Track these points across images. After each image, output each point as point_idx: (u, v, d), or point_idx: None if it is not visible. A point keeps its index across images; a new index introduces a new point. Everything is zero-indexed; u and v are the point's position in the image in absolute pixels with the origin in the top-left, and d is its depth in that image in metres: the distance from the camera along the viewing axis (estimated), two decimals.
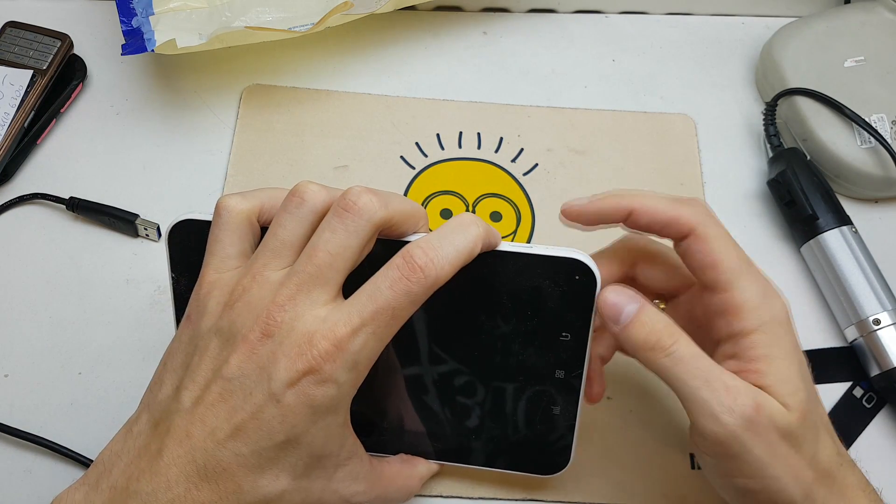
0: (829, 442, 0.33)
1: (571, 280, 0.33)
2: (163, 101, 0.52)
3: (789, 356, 0.32)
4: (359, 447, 0.33)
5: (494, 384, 0.36)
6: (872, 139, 0.47)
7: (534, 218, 0.48)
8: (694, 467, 0.40)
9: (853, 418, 0.43)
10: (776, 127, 0.49)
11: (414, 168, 0.50)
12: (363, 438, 0.34)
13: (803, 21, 0.53)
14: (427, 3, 0.55)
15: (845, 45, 0.51)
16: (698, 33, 0.56)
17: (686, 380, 0.31)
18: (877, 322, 0.43)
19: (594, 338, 0.35)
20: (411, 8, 0.55)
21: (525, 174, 0.50)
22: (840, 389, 0.44)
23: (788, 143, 0.50)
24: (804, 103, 0.49)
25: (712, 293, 0.32)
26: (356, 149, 0.50)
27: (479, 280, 0.34)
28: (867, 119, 0.48)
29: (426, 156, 0.50)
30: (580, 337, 0.34)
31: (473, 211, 0.48)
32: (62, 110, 0.50)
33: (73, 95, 0.51)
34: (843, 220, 0.45)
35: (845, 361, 0.44)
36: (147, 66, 0.53)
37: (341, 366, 0.29)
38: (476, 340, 0.35)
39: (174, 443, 0.29)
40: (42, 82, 0.49)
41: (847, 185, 0.49)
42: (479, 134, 0.51)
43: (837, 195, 0.47)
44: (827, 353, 0.45)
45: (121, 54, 0.48)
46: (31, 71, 0.49)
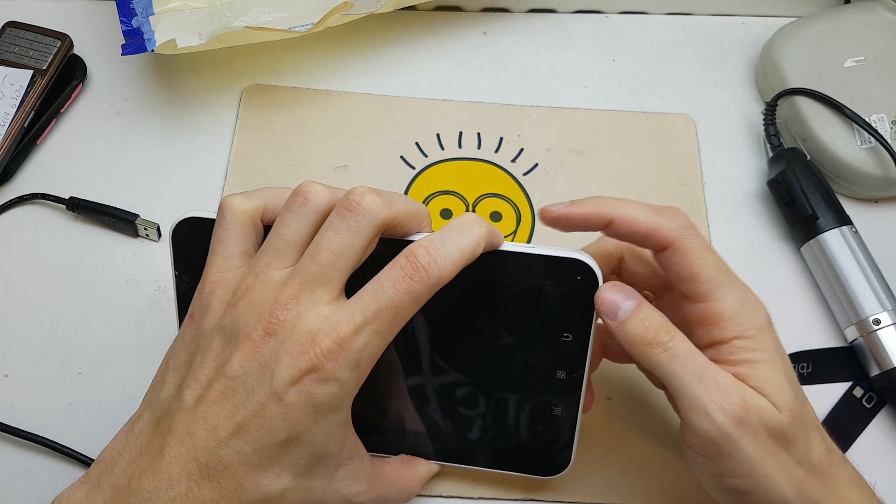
0: (819, 439, 0.33)
1: (573, 280, 0.33)
2: (163, 101, 0.52)
3: (772, 359, 0.32)
4: (360, 447, 0.33)
5: (495, 385, 0.36)
6: (872, 139, 0.47)
7: (534, 218, 0.48)
8: None
9: (853, 418, 0.43)
10: (776, 127, 0.49)
11: (414, 168, 0.50)
12: (364, 439, 0.34)
13: (803, 21, 0.53)
14: (427, 3, 0.55)
15: (845, 45, 0.51)
16: (698, 33, 0.56)
17: (681, 376, 0.31)
18: (877, 322, 0.43)
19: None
20: (411, 8, 0.55)
21: (525, 174, 0.50)
22: (840, 389, 0.44)
23: (788, 143, 0.50)
24: (804, 103, 0.49)
25: (692, 303, 0.33)
26: (356, 149, 0.50)
27: (481, 280, 0.34)
28: (867, 119, 0.48)
29: (426, 156, 0.50)
30: (582, 337, 0.34)
31: (473, 211, 0.48)
32: (62, 110, 0.50)
33: (73, 95, 0.51)
34: (843, 220, 0.45)
35: (845, 361, 0.44)
36: (147, 66, 0.53)
37: (343, 364, 0.29)
38: (477, 340, 0.35)
39: (176, 441, 0.29)
40: (42, 82, 0.49)
41: (847, 185, 0.49)
42: (479, 134, 0.51)
43: (837, 195, 0.47)
44: (827, 353, 0.45)
45: (121, 54, 0.48)
46: (31, 71, 0.49)
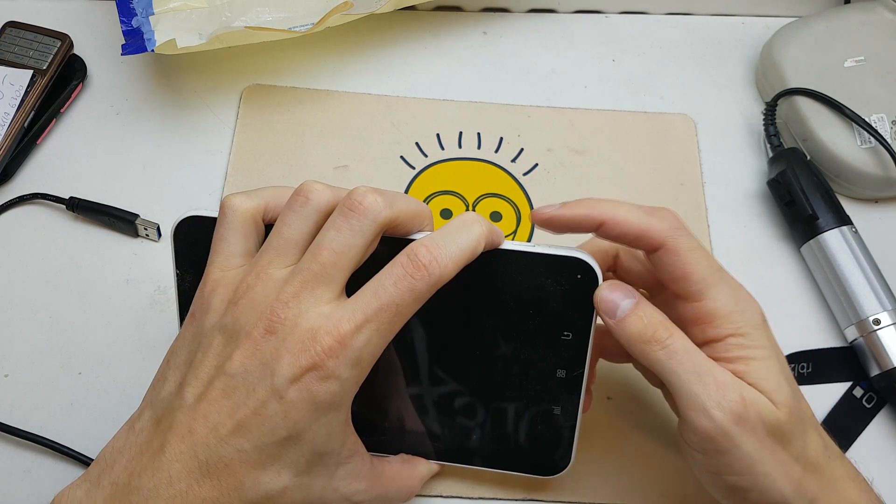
0: (816, 436, 0.33)
1: (573, 279, 0.33)
2: (163, 101, 0.52)
3: (768, 356, 0.32)
4: (360, 446, 0.33)
5: (495, 384, 0.36)
6: (872, 139, 0.47)
7: None
8: None
9: (853, 418, 0.43)
10: (776, 127, 0.49)
11: (414, 168, 0.50)
12: (364, 438, 0.34)
13: (803, 21, 0.53)
14: (427, 3, 0.55)
15: (845, 45, 0.51)
16: (698, 33, 0.56)
17: (679, 373, 0.31)
18: (877, 322, 0.43)
19: None
20: (411, 8, 0.55)
21: (525, 174, 0.50)
22: (840, 389, 0.44)
23: (788, 143, 0.50)
24: (804, 103, 0.49)
25: (685, 302, 0.33)
26: (356, 149, 0.50)
27: (482, 279, 0.34)
28: (867, 119, 0.48)
29: (426, 156, 0.50)
30: (582, 336, 0.34)
31: (473, 211, 0.48)
32: (62, 110, 0.50)
33: (73, 95, 0.51)
34: (843, 220, 0.45)
35: (845, 361, 0.44)
36: (147, 66, 0.53)
37: (344, 362, 0.29)
38: (477, 339, 0.35)
39: (176, 439, 0.29)
40: (42, 82, 0.49)
41: (847, 185, 0.49)
42: (479, 134, 0.51)
43: (837, 195, 0.47)
44: (827, 353, 0.45)
45: (121, 54, 0.48)
46: (31, 71, 0.49)
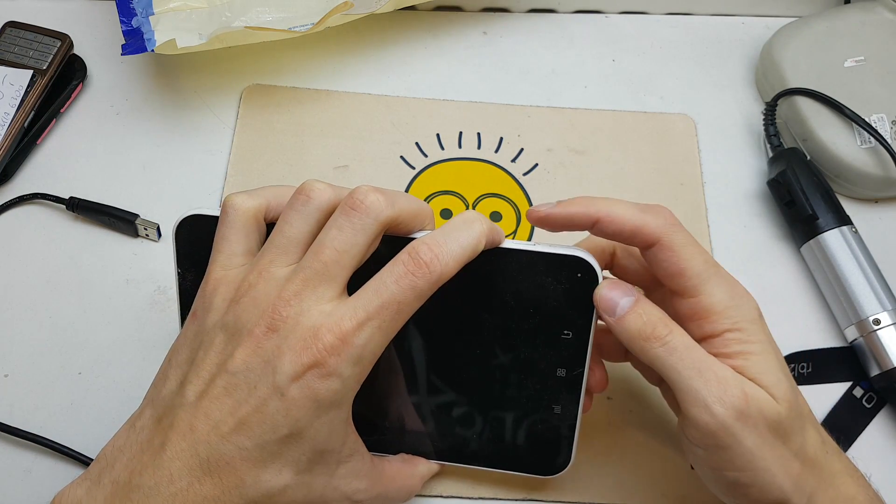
0: (814, 431, 0.33)
1: (573, 277, 0.33)
2: (163, 101, 0.52)
3: (766, 351, 0.32)
4: (360, 444, 0.33)
5: (495, 383, 0.36)
6: (872, 139, 0.47)
7: None
8: (693, 467, 0.40)
9: (853, 418, 0.43)
10: (776, 127, 0.49)
11: (414, 168, 0.50)
12: (364, 438, 0.34)
13: (803, 21, 0.53)
14: (427, 3, 0.55)
15: (845, 45, 0.51)
16: (698, 33, 0.56)
17: (679, 369, 0.31)
18: (877, 322, 0.43)
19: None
20: (411, 8, 0.55)
21: (525, 174, 0.50)
22: (840, 389, 0.44)
23: (788, 143, 0.50)
24: (804, 103, 0.49)
25: (681, 298, 0.33)
26: (356, 149, 0.50)
27: (482, 277, 0.34)
28: (867, 119, 0.48)
29: (426, 156, 0.50)
30: (582, 335, 0.34)
31: (473, 211, 0.48)
32: (62, 110, 0.50)
33: (73, 95, 0.51)
34: (843, 220, 0.45)
35: (845, 361, 0.44)
36: (147, 66, 0.53)
37: (346, 360, 0.29)
38: (477, 338, 0.35)
39: (177, 436, 0.29)
40: (42, 82, 0.49)
41: (847, 185, 0.49)
42: (479, 134, 0.51)
43: (837, 195, 0.47)
44: (827, 353, 0.45)
45: (121, 54, 0.48)
46: (31, 71, 0.49)
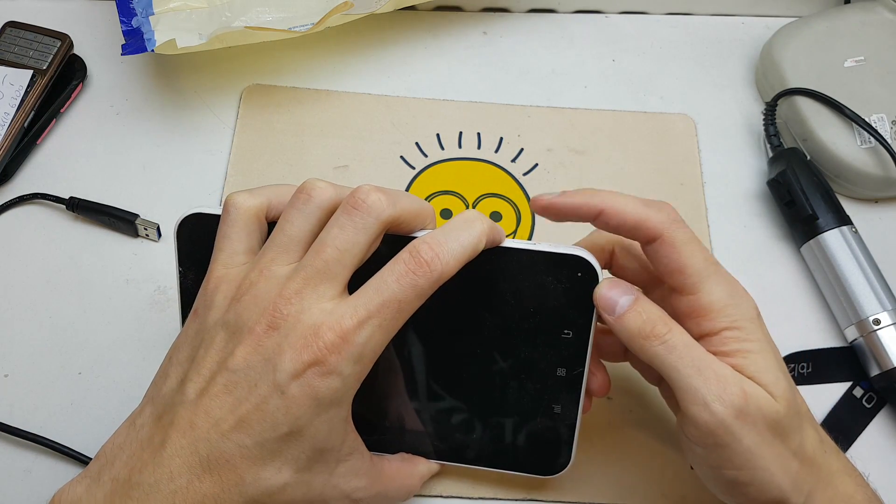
0: (812, 430, 0.33)
1: (574, 277, 0.33)
2: (163, 101, 0.52)
3: (764, 349, 0.32)
4: (360, 443, 0.34)
5: (495, 382, 0.36)
6: (872, 139, 0.47)
7: (534, 218, 0.48)
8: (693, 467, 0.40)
9: (853, 418, 0.43)
10: (776, 127, 0.49)
11: (414, 168, 0.50)
12: (364, 437, 0.34)
13: (803, 21, 0.53)
14: (427, 3, 0.55)
15: (845, 45, 0.51)
16: (698, 33, 0.56)
17: (679, 367, 0.31)
18: (877, 322, 0.43)
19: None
20: (411, 8, 0.55)
21: (525, 174, 0.50)
22: (840, 389, 0.44)
23: (788, 143, 0.50)
24: (804, 103, 0.49)
25: (680, 296, 0.33)
26: (356, 149, 0.50)
27: (483, 276, 0.34)
28: (867, 119, 0.48)
29: (426, 156, 0.50)
30: (582, 335, 0.34)
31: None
32: (62, 110, 0.50)
33: (73, 95, 0.51)
34: (843, 220, 0.45)
35: (845, 361, 0.44)
36: (147, 66, 0.53)
37: (346, 358, 0.29)
38: (477, 337, 0.35)
39: (178, 434, 0.29)
40: (42, 82, 0.49)
41: (847, 185, 0.49)
42: (479, 134, 0.51)
43: (837, 195, 0.47)
44: (827, 353, 0.45)
45: (121, 54, 0.48)
46: (31, 71, 0.49)
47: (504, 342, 0.35)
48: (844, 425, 0.42)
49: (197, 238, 0.35)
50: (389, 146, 0.50)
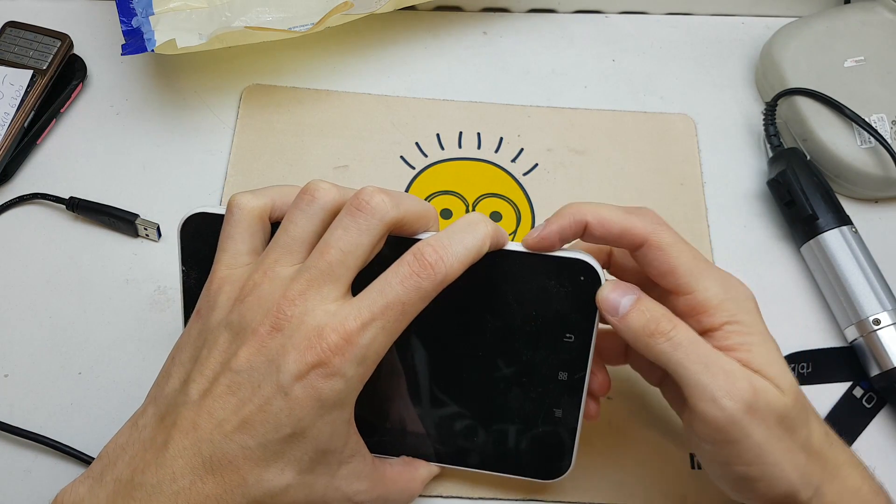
0: (817, 423, 0.33)
1: (576, 281, 0.33)
2: (163, 101, 0.52)
3: (766, 341, 0.32)
4: (362, 445, 0.34)
5: (497, 385, 0.36)
6: (872, 139, 0.47)
7: (534, 218, 0.48)
8: (694, 467, 0.40)
9: (853, 418, 0.43)
10: (776, 127, 0.49)
11: (414, 168, 0.50)
12: (365, 439, 0.34)
13: (803, 21, 0.53)
14: (427, 3, 0.55)
15: (845, 45, 0.51)
16: (698, 33, 0.56)
17: (686, 364, 0.31)
18: (877, 322, 0.43)
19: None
20: (411, 8, 0.55)
21: (525, 174, 0.50)
22: (840, 389, 0.44)
23: (788, 143, 0.50)
24: (804, 103, 0.49)
25: (676, 296, 0.33)
26: (356, 149, 0.50)
27: (485, 279, 0.34)
28: (867, 119, 0.48)
29: (426, 156, 0.50)
30: (584, 338, 0.34)
31: (473, 211, 0.48)
32: (62, 110, 0.50)
33: (73, 95, 0.51)
34: (843, 220, 0.45)
35: (845, 361, 0.44)
36: (147, 66, 0.53)
37: (350, 359, 0.29)
38: (479, 339, 0.35)
39: (180, 434, 0.30)
40: (42, 82, 0.49)
41: (847, 185, 0.49)
42: (479, 134, 0.51)
43: (837, 195, 0.47)
44: (827, 353, 0.45)
45: (121, 54, 0.48)
46: (31, 71, 0.49)
47: (506, 345, 0.35)
48: (844, 425, 0.42)
49: (200, 237, 0.35)
50: (389, 146, 0.50)
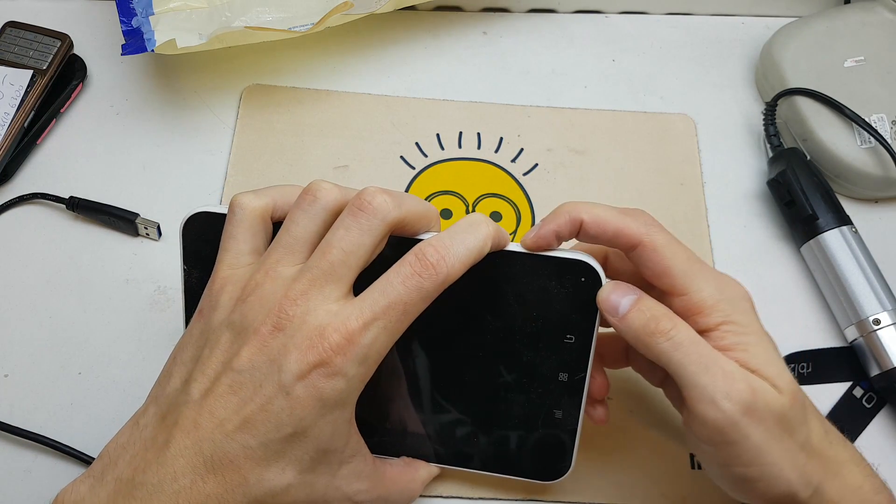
0: (816, 422, 0.33)
1: (577, 282, 0.33)
2: (163, 101, 0.52)
3: (762, 340, 0.32)
4: (363, 445, 0.34)
5: (497, 386, 0.36)
6: (872, 139, 0.47)
7: (534, 218, 0.48)
8: (694, 467, 0.40)
9: (853, 418, 0.43)
10: (776, 127, 0.49)
11: (414, 168, 0.50)
12: (365, 440, 0.34)
13: (803, 21, 0.53)
14: (427, 3, 0.55)
15: (845, 45, 0.51)
16: (698, 33, 0.56)
17: (686, 364, 0.31)
18: (877, 322, 0.43)
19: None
20: (411, 8, 0.55)
21: (525, 174, 0.50)
22: (840, 389, 0.44)
23: (788, 143, 0.50)
24: (804, 103, 0.49)
25: (671, 298, 0.33)
26: (356, 149, 0.50)
27: (486, 279, 0.34)
28: (867, 119, 0.48)
29: (426, 156, 0.50)
30: (584, 339, 0.34)
31: (473, 211, 0.48)
32: (62, 110, 0.50)
33: (73, 95, 0.51)
34: (843, 220, 0.45)
35: (845, 361, 0.44)
36: (147, 66, 0.53)
37: (351, 359, 0.29)
38: (480, 340, 0.35)
39: (182, 434, 0.30)
40: (42, 82, 0.49)
41: (847, 185, 0.49)
42: (479, 134, 0.51)
43: (837, 195, 0.47)
44: (827, 353, 0.45)
45: (121, 54, 0.48)
46: (31, 71, 0.49)
47: (506, 346, 0.35)
48: (844, 425, 0.42)
49: (202, 237, 0.35)
50: (389, 146, 0.50)
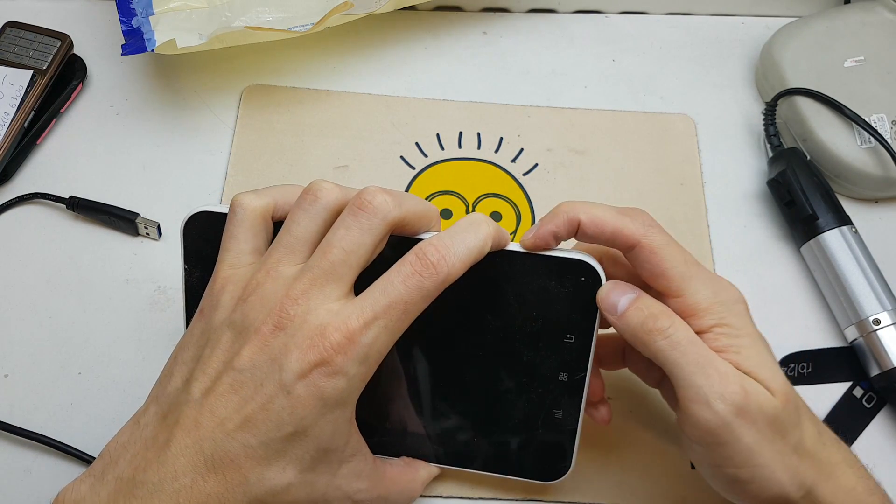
0: (810, 424, 0.33)
1: (577, 281, 0.33)
2: (163, 101, 0.52)
3: (755, 342, 0.32)
4: (363, 445, 0.34)
5: (497, 386, 0.36)
6: (872, 139, 0.47)
7: (534, 218, 0.48)
8: (694, 467, 0.40)
9: (853, 418, 0.43)
10: (776, 127, 0.49)
11: (414, 168, 0.50)
12: (366, 439, 0.34)
13: (803, 21, 0.53)
14: (427, 3, 0.55)
15: (845, 45, 0.51)
16: (698, 33, 0.56)
17: (682, 364, 0.31)
18: (877, 322, 0.43)
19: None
20: (411, 8, 0.55)
21: (525, 174, 0.50)
22: (840, 389, 0.44)
23: (788, 143, 0.50)
24: (804, 103, 0.49)
25: (667, 299, 0.33)
26: (356, 149, 0.50)
27: (487, 279, 0.34)
28: (867, 119, 0.48)
29: (426, 156, 0.50)
30: (584, 339, 0.34)
31: (473, 211, 0.48)
32: (62, 110, 0.50)
33: (73, 95, 0.51)
34: (843, 220, 0.45)
35: (845, 361, 0.44)
36: (147, 66, 0.53)
37: (352, 358, 0.29)
38: (480, 340, 0.35)
39: (182, 433, 0.30)
40: (42, 82, 0.49)
41: (847, 185, 0.49)
42: (479, 134, 0.51)
43: (837, 195, 0.47)
44: (827, 353, 0.45)
45: (121, 54, 0.48)
46: (31, 71, 0.49)
47: (506, 346, 0.35)
48: (844, 425, 0.42)
49: (203, 236, 0.35)
50: (389, 146, 0.50)
